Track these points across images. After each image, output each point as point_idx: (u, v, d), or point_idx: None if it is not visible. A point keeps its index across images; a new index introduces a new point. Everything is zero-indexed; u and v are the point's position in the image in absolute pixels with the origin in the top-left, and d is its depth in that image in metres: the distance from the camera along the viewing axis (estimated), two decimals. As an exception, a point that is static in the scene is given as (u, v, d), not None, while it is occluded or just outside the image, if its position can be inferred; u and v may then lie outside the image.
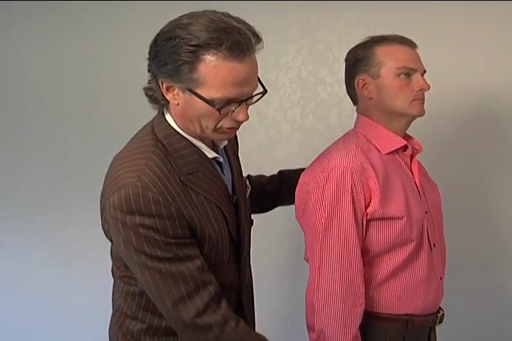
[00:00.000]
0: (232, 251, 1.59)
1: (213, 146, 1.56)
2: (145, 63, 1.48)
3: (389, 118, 1.73)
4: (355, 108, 1.82)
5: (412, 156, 1.79)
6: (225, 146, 1.63)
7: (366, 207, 1.63)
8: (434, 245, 1.75)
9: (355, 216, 1.61)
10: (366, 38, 1.76)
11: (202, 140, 1.51)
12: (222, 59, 1.34)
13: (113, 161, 1.50)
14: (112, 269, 1.68)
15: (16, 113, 3.01)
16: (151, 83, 1.48)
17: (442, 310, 1.83)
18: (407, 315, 1.69)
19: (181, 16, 1.40)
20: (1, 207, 3.14)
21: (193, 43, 1.33)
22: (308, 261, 1.70)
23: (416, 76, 1.70)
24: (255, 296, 1.76)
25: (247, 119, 1.45)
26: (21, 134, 3.10)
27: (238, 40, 1.34)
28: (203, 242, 1.47)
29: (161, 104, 1.50)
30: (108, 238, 1.51)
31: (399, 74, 1.69)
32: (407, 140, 1.78)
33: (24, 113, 3.04)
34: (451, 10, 2.42)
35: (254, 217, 1.77)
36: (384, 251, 1.66)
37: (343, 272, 1.60)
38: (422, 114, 1.73)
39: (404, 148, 1.75)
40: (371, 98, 1.73)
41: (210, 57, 1.34)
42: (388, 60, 1.69)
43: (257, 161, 2.64)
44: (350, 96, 1.82)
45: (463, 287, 2.61)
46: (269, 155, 2.02)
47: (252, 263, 1.73)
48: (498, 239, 2.60)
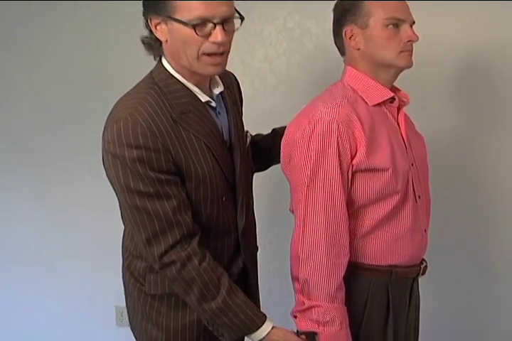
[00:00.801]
0: (229, 193, 1.70)
1: (210, 93, 1.68)
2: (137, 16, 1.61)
3: (376, 69, 1.71)
4: (343, 59, 1.79)
5: (398, 108, 1.78)
6: (223, 95, 1.74)
7: (352, 159, 1.62)
8: (419, 197, 1.75)
9: (341, 167, 1.60)
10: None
11: (198, 85, 1.63)
12: None
13: (114, 105, 1.63)
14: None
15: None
16: (146, 29, 1.62)
17: (426, 261, 1.84)
18: (390, 266, 1.71)
19: None
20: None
21: None
22: (293, 212, 1.71)
23: (404, 27, 1.67)
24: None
25: (224, 41, 1.55)
26: (4, 87, 3.05)
27: None
28: (189, 178, 1.59)
29: (155, 48, 1.64)
30: (107, 175, 1.62)
31: (387, 25, 1.66)
32: (394, 92, 1.76)
33: (8, 65, 2.99)
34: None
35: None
36: (369, 203, 1.66)
37: (327, 223, 1.60)
38: (409, 65, 1.71)
39: (391, 100, 1.74)
40: (359, 49, 1.70)
41: None
42: (376, 10, 1.66)
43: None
44: (338, 47, 1.79)
45: (447, 239, 2.63)
46: (254, 106, 2.00)
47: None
48: (484, 191, 2.61)
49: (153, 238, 1.56)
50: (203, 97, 1.64)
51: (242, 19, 1.60)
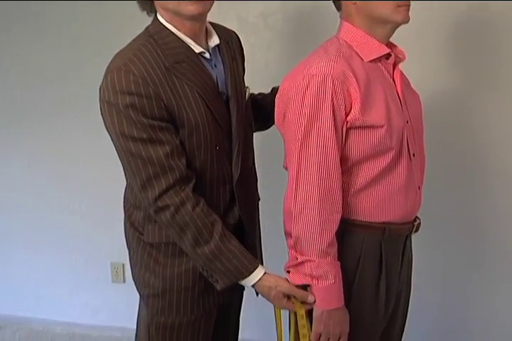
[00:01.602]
0: (225, 143, 1.74)
1: (206, 46, 1.72)
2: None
3: (372, 24, 1.68)
4: (339, 14, 1.76)
5: (394, 65, 1.75)
6: (220, 49, 1.78)
7: (346, 115, 1.60)
8: (414, 155, 1.74)
9: (335, 123, 1.59)
10: None
11: (193, 38, 1.68)
12: None
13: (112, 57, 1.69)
14: None
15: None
16: None
17: (419, 218, 1.85)
18: (384, 223, 1.71)
19: None
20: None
21: None
22: (287, 168, 1.70)
23: (402, -20, 1.64)
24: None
25: None
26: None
27: None
28: (182, 125, 1.64)
29: (147, 4, 1.71)
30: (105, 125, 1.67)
31: (384, -22, 1.62)
32: (391, 48, 1.73)
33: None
34: None
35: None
36: (363, 160, 1.66)
37: (321, 179, 1.60)
38: (406, 20, 1.67)
39: (387, 56, 1.71)
40: (355, 3, 1.67)
41: None
42: (373, -37, 1.63)
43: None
44: (334, 2, 1.75)
45: (441, 197, 2.64)
46: (249, 62, 1.98)
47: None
48: (480, 150, 2.61)
49: (147, 182, 1.61)
50: (197, 48, 1.68)
51: None
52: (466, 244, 2.76)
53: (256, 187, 1.97)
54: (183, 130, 1.65)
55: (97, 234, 3.14)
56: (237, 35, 1.95)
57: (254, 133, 1.95)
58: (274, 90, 1.98)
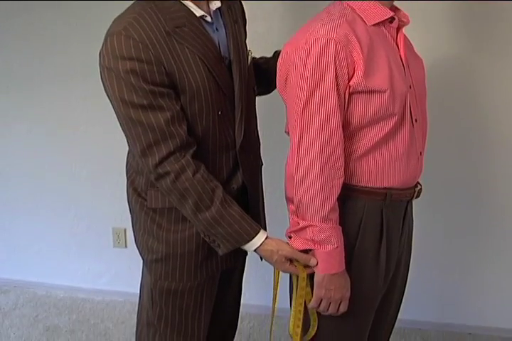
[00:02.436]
0: (227, 108, 1.73)
1: (207, 10, 1.70)
2: None
3: (376, -14, 1.65)
4: (342, -23, 1.74)
5: (398, 29, 1.73)
6: (222, 12, 1.75)
7: (349, 80, 1.58)
8: (416, 120, 1.73)
9: (338, 88, 1.57)
10: None
11: (195, 2, 1.65)
12: None
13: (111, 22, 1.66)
14: None
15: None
16: None
17: (420, 184, 1.84)
18: (385, 188, 1.71)
19: None
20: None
21: None
22: (288, 134, 1.70)
23: None
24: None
25: None
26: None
27: None
28: (183, 90, 1.62)
29: None
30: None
31: None
32: (394, 11, 1.70)
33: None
34: None
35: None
36: (365, 125, 1.64)
37: (323, 145, 1.59)
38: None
39: (391, 19, 1.68)
40: (358, -34, 1.64)
41: None
42: None
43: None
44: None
45: (441, 162, 2.64)
46: (252, 28, 1.96)
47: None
48: (482, 114, 2.60)
49: (148, 149, 1.61)
50: (198, 12, 1.66)
51: None
52: (467, 209, 2.78)
53: (259, 152, 1.97)
54: (184, 95, 1.63)
55: (98, 199, 3.15)
56: (240, 2, 1.92)
57: (257, 98, 1.94)
58: (277, 54, 1.96)
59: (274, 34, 2.61)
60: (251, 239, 1.68)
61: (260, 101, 1.98)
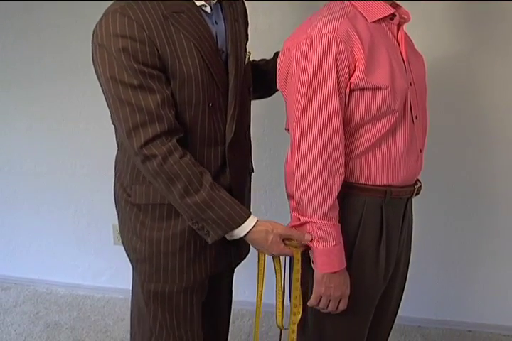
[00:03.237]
0: (220, 101, 1.69)
1: (208, 1, 1.66)
2: None
3: (377, -17, 1.65)
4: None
5: (399, 26, 1.73)
6: (223, 7, 1.73)
7: (350, 76, 1.58)
8: (416, 117, 1.73)
9: (339, 85, 1.57)
10: None
11: None
12: None
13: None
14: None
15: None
16: None
17: (420, 182, 1.84)
18: (385, 185, 1.71)
19: None
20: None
21: None
22: (288, 131, 1.69)
23: None
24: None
25: None
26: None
27: None
28: (174, 75, 1.59)
29: None
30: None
31: None
32: (395, 8, 1.70)
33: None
34: None
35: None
36: (366, 122, 1.64)
37: (323, 142, 1.58)
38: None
39: (392, 16, 1.68)
40: (359, -38, 1.64)
41: None
42: None
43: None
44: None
45: (441, 160, 2.64)
46: (252, 24, 1.95)
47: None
48: (483, 112, 2.60)
49: (134, 130, 1.57)
50: (198, 1, 1.64)
51: None
52: (466, 207, 2.78)
53: (250, 157, 1.90)
54: (175, 81, 1.60)
55: (98, 196, 3.15)
56: (243, 1, 1.89)
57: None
58: (277, 55, 1.95)
59: (275, 31, 2.61)
60: (243, 222, 1.62)
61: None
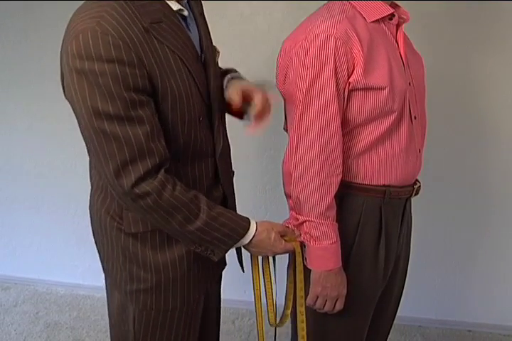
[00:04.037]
0: (206, 113, 1.55)
1: (179, 1, 1.48)
2: None
3: (376, -17, 1.65)
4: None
5: (398, 26, 1.73)
6: (190, 3, 1.57)
7: (349, 76, 1.58)
8: (415, 117, 1.73)
9: (337, 85, 1.57)
10: None
11: None
12: None
13: (70, 18, 1.41)
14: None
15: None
16: None
17: (419, 182, 1.84)
18: (384, 185, 1.71)
19: None
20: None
21: None
22: (287, 131, 1.69)
23: None
24: (236, 167, 1.77)
25: None
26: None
27: None
28: (164, 96, 1.42)
29: None
30: (66, 98, 1.44)
31: None
32: (394, 8, 1.70)
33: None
34: None
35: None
36: (365, 122, 1.64)
37: (321, 141, 1.59)
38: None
39: (391, 16, 1.68)
40: (358, -38, 1.64)
41: None
42: None
43: (239, 31, 2.57)
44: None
45: (440, 160, 2.64)
46: (252, 24, 1.95)
47: (231, 133, 1.71)
48: (480, 116, 2.60)
49: (123, 168, 1.39)
50: (174, 5, 1.45)
51: None
52: (466, 206, 2.78)
53: (230, 159, 1.77)
54: (166, 102, 1.43)
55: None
56: None
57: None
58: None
59: (275, 31, 2.61)
60: (246, 232, 1.56)
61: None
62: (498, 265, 2.86)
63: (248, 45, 1.93)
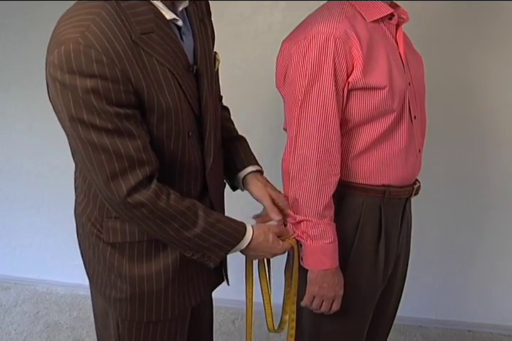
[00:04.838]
0: (196, 127, 1.50)
1: (173, 9, 1.41)
2: None
3: (375, -17, 1.65)
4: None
5: (397, 26, 1.73)
6: (188, 11, 1.50)
7: (348, 76, 1.58)
8: (415, 117, 1.73)
9: (336, 85, 1.57)
10: None
11: (164, 1, 1.37)
12: None
13: (58, 21, 1.35)
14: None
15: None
16: None
17: (419, 181, 1.84)
18: (383, 185, 1.71)
19: None
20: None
21: None
22: (286, 130, 1.69)
23: None
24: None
25: None
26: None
27: None
28: (151, 110, 1.36)
29: None
30: (51, 102, 1.40)
31: None
32: (394, 8, 1.70)
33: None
34: None
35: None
36: (364, 122, 1.64)
37: (319, 141, 1.59)
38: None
39: (390, 16, 1.68)
40: (357, -38, 1.64)
41: None
42: None
43: (239, 31, 2.57)
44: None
45: (440, 160, 2.64)
46: (252, 24, 1.95)
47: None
48: (480, 115, 2.60)
49: (113, 179, 1.34)
50: (168, 14, 1.37)
51: None
52: (466, 206, 2.78)
53: (222, 172, 1.73)
54: (152, 116, 1.37)
55: (99, 196, 3.14)
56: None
57: (256, 92, 1.88)
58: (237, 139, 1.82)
59: (275, 31, 2.60)
60: (243, 236, 1.53)
61: (260, 97, 1.98)
62: (498, 265, 2.86)
63: (248, 45, 1.92)
